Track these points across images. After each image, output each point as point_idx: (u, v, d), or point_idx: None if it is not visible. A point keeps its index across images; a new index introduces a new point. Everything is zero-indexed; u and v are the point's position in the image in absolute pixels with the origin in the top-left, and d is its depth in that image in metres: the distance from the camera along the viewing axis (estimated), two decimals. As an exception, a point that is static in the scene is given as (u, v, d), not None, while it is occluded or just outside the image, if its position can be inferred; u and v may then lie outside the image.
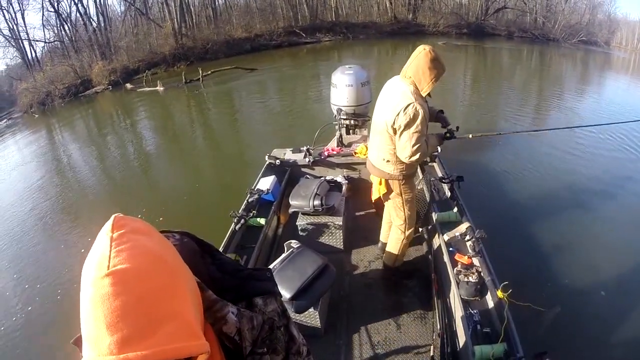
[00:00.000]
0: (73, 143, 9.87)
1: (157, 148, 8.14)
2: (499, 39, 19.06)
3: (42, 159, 8.67)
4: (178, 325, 0.46)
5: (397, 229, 2.42)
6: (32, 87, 16.19)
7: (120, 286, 0.43)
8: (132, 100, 13.20)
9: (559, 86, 11.09)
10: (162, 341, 0.43)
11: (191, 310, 0.50)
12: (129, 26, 20.15)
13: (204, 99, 12.05)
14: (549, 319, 1.77)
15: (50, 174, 7.46)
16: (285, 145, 3.81)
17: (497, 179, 4.91)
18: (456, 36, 19.69)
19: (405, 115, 1.93)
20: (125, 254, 0.45)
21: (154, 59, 17.84)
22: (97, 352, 0.42)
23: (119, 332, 0.42)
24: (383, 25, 21.17)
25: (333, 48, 19.08)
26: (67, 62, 17.29)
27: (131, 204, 5.30)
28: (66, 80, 16.36)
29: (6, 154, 9.97)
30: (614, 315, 2.86)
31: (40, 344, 3.25)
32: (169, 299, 0.47)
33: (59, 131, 11.89)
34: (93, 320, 0.42)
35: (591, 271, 3.32)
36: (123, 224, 0.48)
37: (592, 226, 4.00)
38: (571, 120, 7.51)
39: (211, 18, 20.86)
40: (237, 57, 17.55)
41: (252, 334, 0.61)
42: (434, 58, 1.92)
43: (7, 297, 3.90)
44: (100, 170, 7.29)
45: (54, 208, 5.72)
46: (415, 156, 2.01)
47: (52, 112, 14.64)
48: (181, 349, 0.44)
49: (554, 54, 16.42)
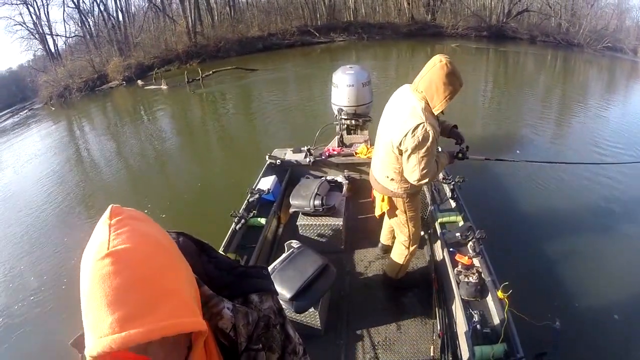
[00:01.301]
0: (81, 138, 10.32)
1: (157, 147, 8.14)
2: (520, 43, 18.08)
3: (53, 151, 9.07)
4: (177, 302, 0.47)
5: (400, 244, 2.32)
6: (53, 79, 16.95)
7: (121, 264, 0.44)
8: (137, 98, 13.53)
9: (583, 96, 9.85)
10: (162, 317, 0.44)
11: (189, 290, 0.51)
12: (146, 23, 20.61)
13: (204, 99, 12.07)
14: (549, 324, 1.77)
15: (56, 167, 7.74)
16: (286, 145, 3.81)
17: (499, 180, 4.91)
18: (475, 39, 18.83)
19: (414, 138, 1.75)
20: (124, 236, 0.46)
21: (168, 56, 18.13)
22: (99, 334, 0.42)
23: (120, 309, 0.42)
24: (400, 26, 20.52)
25: (348, 48, 18.66)
26: (86, 56, 17.94)
27: (130, 202, 5.30)
28: (84, 75, 17.01)
29: (22, 144, 10.54)
30: (614, 316, 2.86)
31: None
32: (168, 277, 0.48)
33: (73, 124, 12.40)
34: (94, 301, 0.43)
35: (592, 272, 3.31)
36: (120, 212, 0.49)
37: (593, 226, 3.99)
38: (594, 143, 6.31)
39: (229, 16, 20.87)
40: (248, 56, 17.59)
41: (247, 330, 0.62)
42: (450, 72, 1.69)
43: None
44: (104, 166, 7.32)
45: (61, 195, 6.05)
46: (424, 179, 1.87)
47: (69, 104, 15.28)
48: (180, 325, 0.46)
49: (578, 60, 15.41)
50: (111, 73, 16.75)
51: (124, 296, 0.43)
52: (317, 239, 2.82)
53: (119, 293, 0.43)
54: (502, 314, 1.82)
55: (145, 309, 0.43)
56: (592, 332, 2.74)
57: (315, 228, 2.79)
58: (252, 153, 6.54)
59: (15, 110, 17.87)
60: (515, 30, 19.41)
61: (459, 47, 16.71)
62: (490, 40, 18.55)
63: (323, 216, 2.76)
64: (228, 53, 18.31)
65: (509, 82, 11.90)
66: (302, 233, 2.80)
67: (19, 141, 10.99)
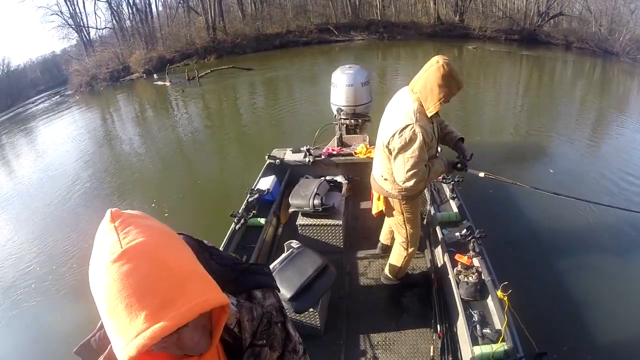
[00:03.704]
0: (79, 134, 10.46)
1: (154, 146, 8.11)
2: (553, 48, 16.79)
3: (70, 139, 9.65)
4: (200, 280, 0.48)
5: (399, 245, 2.32)
6: (83, 69, 18.18)
7: (139, 258, 0.44)
8: (146, 94, 14.09)
9: (621, 115, 7.91)
10: (193, 296, 0.45)
11: (203, 270, 0.52)
12: (170, 18, 21.15)
13: (204, 98, 12.06)
14: (549, 324, 1.76)
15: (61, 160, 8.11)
16: (286, 145, 3.81)
17: (499, 180, 4.88)
18: (505, 42, 17.76)
19: (401, 138, 1.75)
20: (133, 233, 0.46)
21: (188, 50, 18.44)
22: (134, 332, 0.41)
23: (152, 301, 0.42)
24: (423, 26, 19.50)
25: (369, 48, 18.04)
26: (112, 48, 18.92)
27: (126, 206, 5.30)
28: (110, 66, 18.00)
29: (44, 131, 11.72)
30: (614, 316, 2.85)
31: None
32: (185, 260, 0.49)
33: (96, 113, 13.04)
34: (120, 302, 0.42)
35: (592, 271, 3.31)
36: (120, 214, 0.49)
37: (593, 226, 3.98)
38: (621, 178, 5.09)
39: (255, 11, 20.80)
40: (263, 53, 17.56)
41: (251, 325, 0.62)
42: (446, 74, 1.65)
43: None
44: (102, 167, 7.30)
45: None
46: (410, 182, 1.83)
47: (92, 93, 16.17)
48: (212, 300, 0.47)
49: (616, 70, 13.88)
50: (133, 65, 17.51)
51: (151, 287, 0.43)
52: (316, 239, 2.82)
53: (145, 286, 0.43)
54: (502, 314, 1.82)
55: (174, 294, 0.44)
56: (592, 332, 2.74)
57: (315, 228, 2.79)
58: (251, 153, 6.54)
59: (50, 95, 19.46)
60: (548, 35, 18.03)
61: (476, 49, 15.97)
62: (521, 44, 17.27)
63: (323, 216, 2.76)
64: (244, 50, 18.34)
65: (541, 90, 10.66)
66: (301, 233, 2.80)
67: (45, 126, 12.29)
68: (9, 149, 10.85)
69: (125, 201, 5.52)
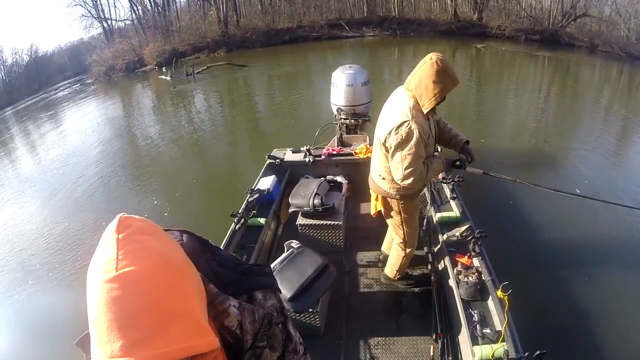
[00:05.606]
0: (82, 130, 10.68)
1: (153, 146, 8.09)
2: (577, 51, 15.82)
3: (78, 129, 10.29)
4: (188, 323, 0.46)
5: (397, 246, 2.31)
6: (101, 59, 18.91)
7: (129, 289, 0.43)
8: (149, 88, 14.47)
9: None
10: (174, 340, 0.44)
11: (199, 308, 0.50)
12: (185, 11, 21.52)
13: (201, 96, 12.06)
14: (549, 324, 1.76)
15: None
16: (286, 145, 3.81)
17: (499, 179, 4.87)
18: (525, 42, 16.86)
19: (397, 135, 1.75)
20: (132, 256, 0.45)
21: (200, 43, 18.68)
22: (108, 354, 0.42)
23: (129, 333, 0.42)
24: (438, 23, 18.84)
25: (382, 44, 17.62)
26: (129, 40, 19.58)
27: (128, 205, 5.31)
28: (127, 57, 18.58)
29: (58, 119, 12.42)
30: (614, 315, 2.85)
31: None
32: (178, 298, 0.47)
33: (109, 103, 13.62)
34: (103, 323, 0.42)
35: (593, 271, 3.30)
36: (128, 225, 0.48)
37: (594, 226, 3.97)
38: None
39: (268, 6, 20.72)
40: (272, 48, 17.51)
41: (253, 327, 0.62)
42: (440, 70, 1.66)
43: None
44: (104, 166, 7.29)
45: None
46: (408, 180, 1.81)
47: (109, 83, 16.74)
48: (193, 347, 0.45)
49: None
50: (147, 57, 18.01)
51: (133, 321, 0.42)
52: (316, 239, 2.82)
53: (128, 317, 0.42)
54: (502, 314, 1.82)
55: (155, 333, 0.43)
56: (592, 332, 2.73)
57: (315, 228, 2.79)
58: (251, 153, 6.53)
59: (72, 83, 20.43)
60: (571, 36, 17.01)
61: (485, 48, 15.36)
62: (542, 44, 16.40)
63: (322, 216, 2.76)
64: (253, 44, 18.34)
65: (564, 93, 10.08)
66: (301, 233, 2.80)
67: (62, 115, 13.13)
68: (22, 138, 11.66)
69: (125, 201, 5.52)
